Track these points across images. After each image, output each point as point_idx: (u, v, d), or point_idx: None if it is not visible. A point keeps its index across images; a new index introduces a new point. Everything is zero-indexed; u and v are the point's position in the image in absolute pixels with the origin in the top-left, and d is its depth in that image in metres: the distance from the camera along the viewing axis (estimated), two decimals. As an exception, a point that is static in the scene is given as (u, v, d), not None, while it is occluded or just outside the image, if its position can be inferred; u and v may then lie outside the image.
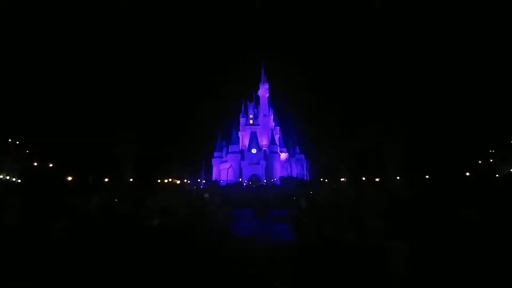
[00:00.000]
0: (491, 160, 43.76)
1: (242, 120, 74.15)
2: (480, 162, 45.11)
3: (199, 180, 62.00)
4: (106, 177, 42.00)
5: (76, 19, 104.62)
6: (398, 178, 37.57)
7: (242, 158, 66.55)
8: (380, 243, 5.80)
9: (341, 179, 49.76)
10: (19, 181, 38.32)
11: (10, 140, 38.65)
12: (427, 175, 40.73)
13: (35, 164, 40.07)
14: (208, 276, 5.42)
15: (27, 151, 40.62)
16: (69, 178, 37.33)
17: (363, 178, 47.09)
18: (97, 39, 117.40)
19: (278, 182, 58.30)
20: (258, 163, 65.39)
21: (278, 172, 65.80)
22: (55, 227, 7.24)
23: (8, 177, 38.58)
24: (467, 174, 41.92)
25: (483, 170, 41.99)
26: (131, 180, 43.49)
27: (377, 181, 44.43)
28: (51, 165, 40.76)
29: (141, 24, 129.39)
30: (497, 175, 40.58)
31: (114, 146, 42.90)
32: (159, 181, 50.92)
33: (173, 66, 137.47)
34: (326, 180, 53.74)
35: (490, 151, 44.29)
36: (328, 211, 11.83)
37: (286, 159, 70.29)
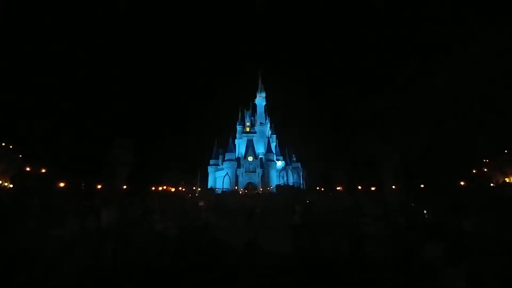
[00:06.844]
0: (485, 170, 43.97)
1: (238, 127, 74.14)
2: (474, 171, 45.36)
3: (194, 188, 61.37)
4: (99, 184, 41.40)
5: (75, 20, 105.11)
6: (393, 187, 37.70)
7: (238, 166, 66.20)
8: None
9: (337, 188, 49.74)
10: (11, 186, 37.57)
11: (3, 144, 38.06)
12: (422, 184, 40.95)
13: (28, 169, 39.35)
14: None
15: (20, 156, 39.92)
16: (62, 184, 36.76)
17: (359, 187, 47.13)
18: (96, 43, 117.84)
19: (275, 190, 57.92)
20: (254, 171, 65.08)
21: (275, 180, 65.44)
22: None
23: (0, 182, 37.83)
24: (462, 183, 42.19)
25: (478, 179, 42.15)
26: (124, 187, 42.96)
27: (372, 189, 44.48)
28: (43, 170, 40.09)
29: (141, 32, 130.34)
30: (492, 184, 40.84)
31: (108, 152, 42.50)
32: (153, 188, 50.36)
33: (171, 73, 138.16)
34: (323, 189, 53.68)
35: (484, 160, 44.55)
36: (324, 219, 11.73)
37: (283, 167, 70.07)
